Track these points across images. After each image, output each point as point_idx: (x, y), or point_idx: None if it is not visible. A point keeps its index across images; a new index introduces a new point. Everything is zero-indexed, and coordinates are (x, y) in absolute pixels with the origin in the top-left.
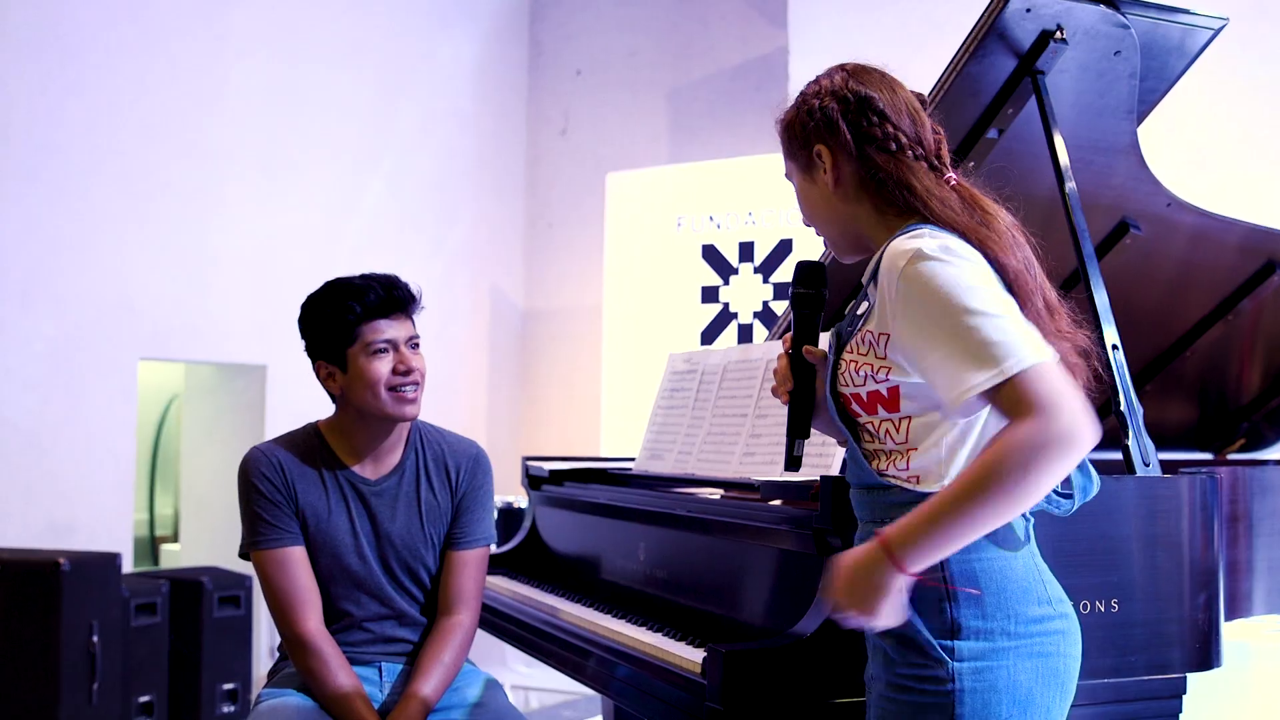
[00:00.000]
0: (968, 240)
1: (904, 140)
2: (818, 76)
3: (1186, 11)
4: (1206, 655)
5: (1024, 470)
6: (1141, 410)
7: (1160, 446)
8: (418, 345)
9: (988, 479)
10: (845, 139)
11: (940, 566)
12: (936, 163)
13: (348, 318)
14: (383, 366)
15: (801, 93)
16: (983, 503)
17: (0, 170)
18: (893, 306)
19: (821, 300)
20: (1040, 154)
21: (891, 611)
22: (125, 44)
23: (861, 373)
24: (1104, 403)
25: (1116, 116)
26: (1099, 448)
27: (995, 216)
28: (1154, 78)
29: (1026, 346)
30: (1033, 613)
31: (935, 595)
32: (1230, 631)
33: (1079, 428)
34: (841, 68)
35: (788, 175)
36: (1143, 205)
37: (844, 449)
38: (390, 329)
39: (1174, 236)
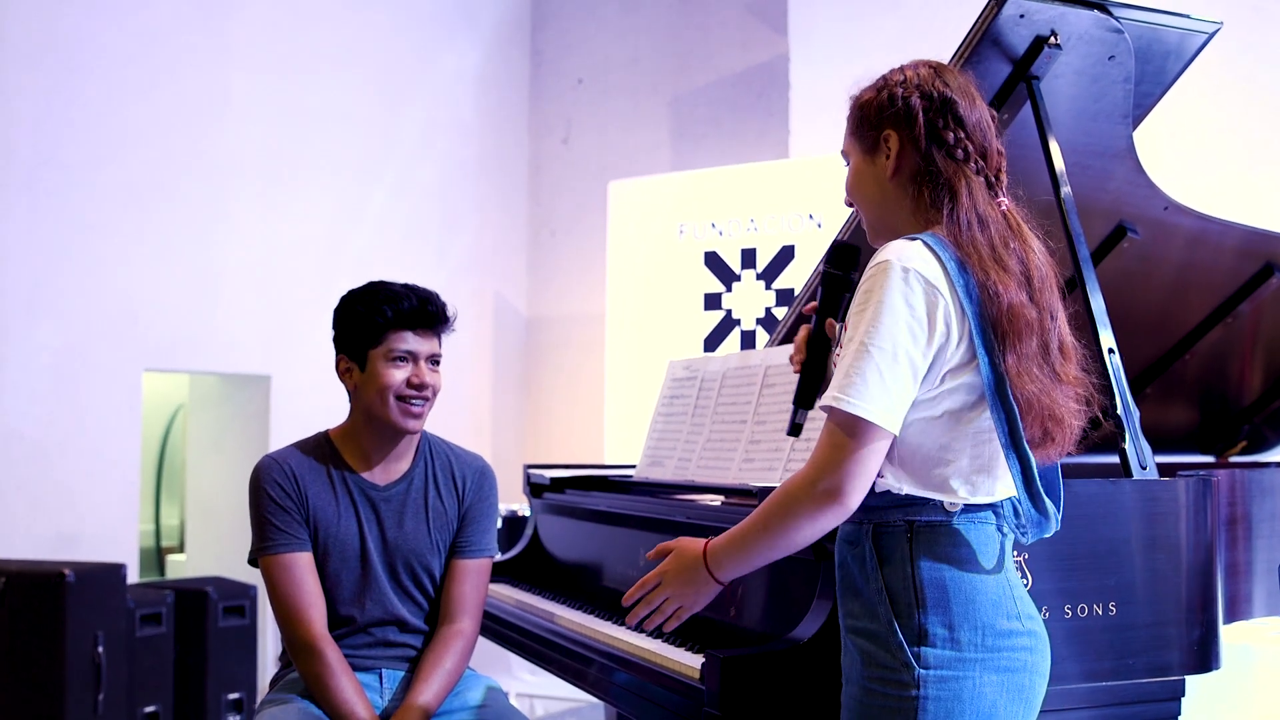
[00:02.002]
0: (967, 266)
1: (970, 150)
2: (903, 66)
3: (1180, 15)
4: (1205, 658)
5: (781, 519)
6: (1138, 413)
7: (1162, 450)
8: (438, 363)
9: (763, 517)
10: (919, 133)
11: (911, 573)
12: (994, 180)
13: (377, 319)
14: (398, 375)
15: (885, 77)
16: (765, 538)
17: (4, 182)
18: (856, 292)
19: (849, 283)
20: (1036, 159)
21: (701, 604)
22: (129, 56)
23: None
24: (1101, 410)
25: (1112, 120)
26: (1098, 451)
27: (1032, 249)
28: (1149, 82)
29: (868, 396)
30: (1001, 627)
31: (908, 601)
32: (1230, 634)
33: (829, 498)
34: (929, 64)
35: (844, 150)
36: (1140, 209)
37: None
38: (414, 342)
39: (1172, 240)
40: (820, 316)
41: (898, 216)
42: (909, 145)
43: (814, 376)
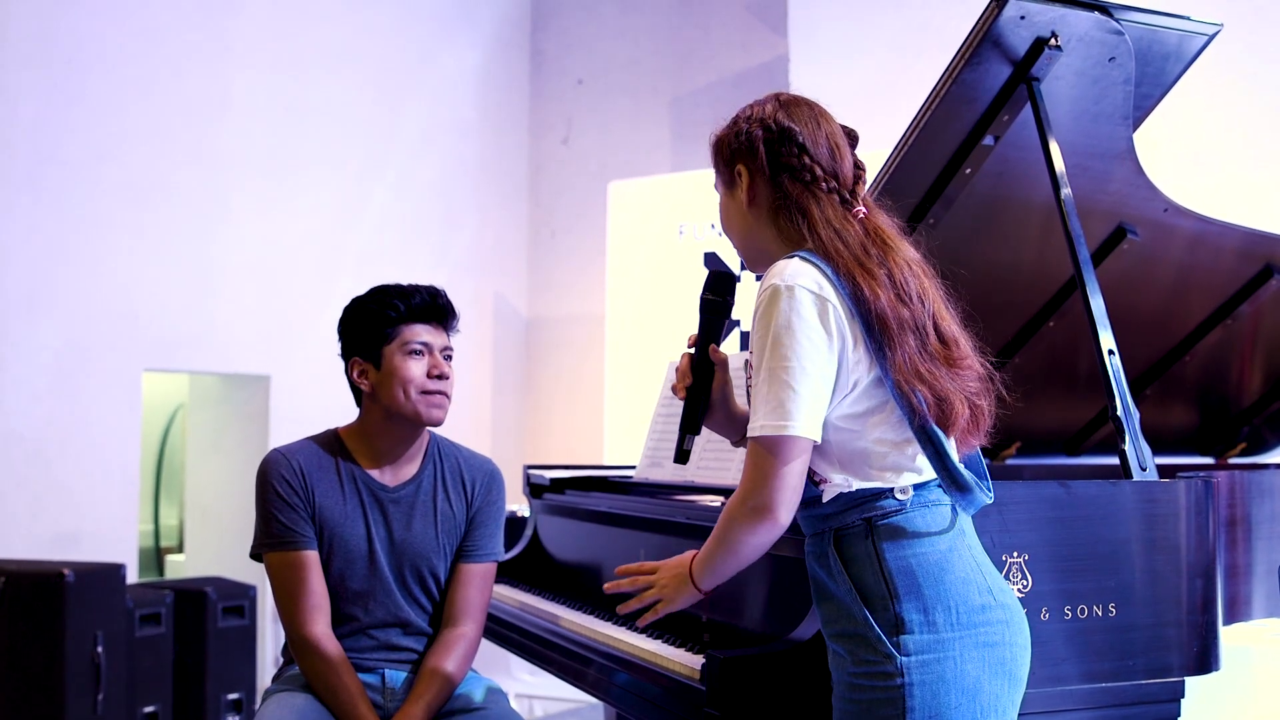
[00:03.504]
0: (838, 273)
1: (819, 173)
2: (753, 102)
3: (1181, 17)
4: (1205, 659)
5: (728, 536)
6: (1138, 415)
7: (1162, 451)
8: (450, 357)
9: (717, 534)
10: (762, 164)
11: (879, 567)
12: (848, 196)
13: (389, 315)
14: (417, 368)
15: (736, 115)
16: (720, 554)
17: (4, 181)
18: (752, 328)
19: (727, 307)
20: (1036, 160)
21: (679, 605)
22: (129, 55)
23: None
24: (1101, 411)
25: (1112, 122)
26: (1102, 452)
27: (895, 251)
28: (1149, 83)
29: (783, 414)
30: (975, 602)
31: (880, 594)
32: (1230, 635)
33: (759, 516)
34: (775, 97)
35: (715, 186)
36: (1140, 210)
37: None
38: (428, 334)
39: (1171, 241)
40: (703, 343)
41: (765, 244)
42: (758, 176)
43: (700, 401)
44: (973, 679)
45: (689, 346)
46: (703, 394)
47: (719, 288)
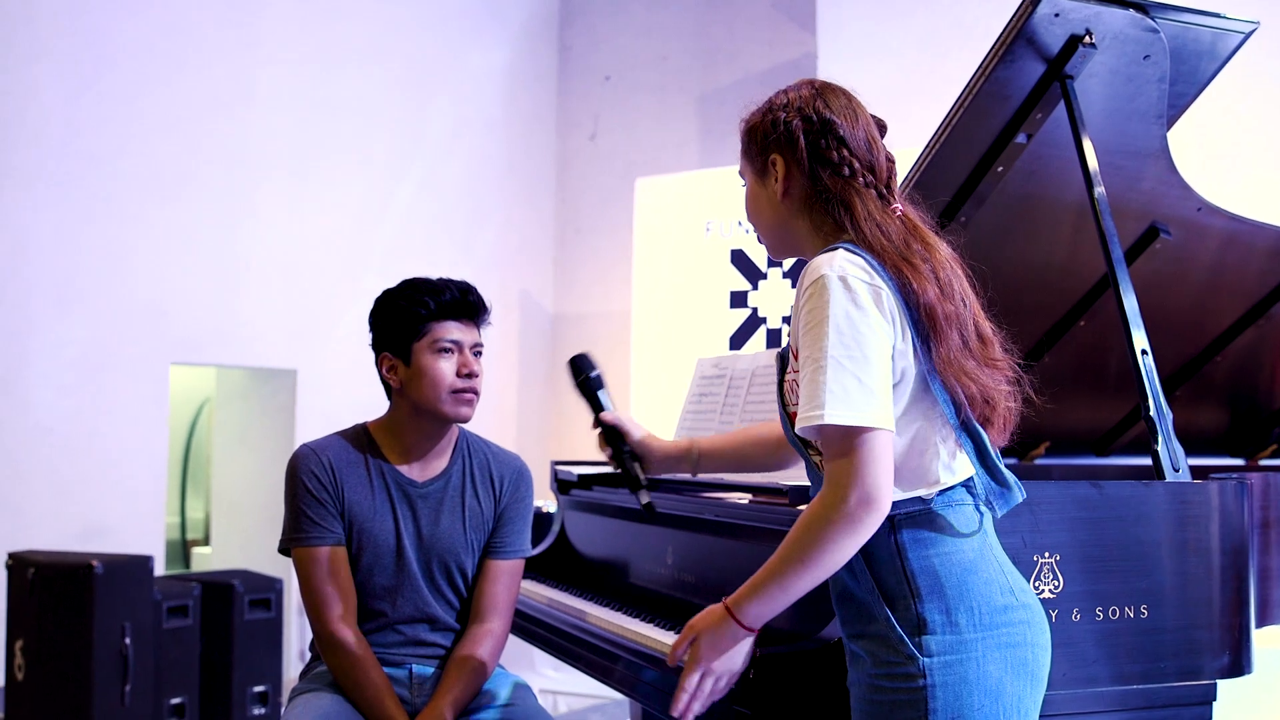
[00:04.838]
0: (884, 266)
1: (857, 166)
2: (786, 88)
3: (1216, 15)
4: (1237, 662)
5: (818, 545)
6: (1171, 415)
7: (1192, 452)
8: (480, 354)
9: (795, 549)
10: (801, 156)
11: (900, 566)
12: (885, 191)
13: (420, 311)
14: (447, 366)
15: (769, 101)
16: (795, 571)
17: (33, 177)
18: (796, 320)
19: (596, 381)
20: (1069, 158)
21: (741, 662)
22: (157, 51)
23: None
24: (1130, 411)
25: (1146, 121)
26: (1130, 453)
27: (934, 248)
28: (1183, 82)
29: (852, 403)
30: (997, 603)
31: (902, 594)
32: (1261, 638)
33: (864, 508)
34: (811, 84)
35: (741, 173)
36: (1173, 209)
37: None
38: (458, 331)
39: (1204, 241)
40: (595, 415)
41: (795, 236)
42: (795, 168)
43: (625, 463)
44: (995, 680)
45: (593, 428)
46: (625, 454)
47: (578, 372)
